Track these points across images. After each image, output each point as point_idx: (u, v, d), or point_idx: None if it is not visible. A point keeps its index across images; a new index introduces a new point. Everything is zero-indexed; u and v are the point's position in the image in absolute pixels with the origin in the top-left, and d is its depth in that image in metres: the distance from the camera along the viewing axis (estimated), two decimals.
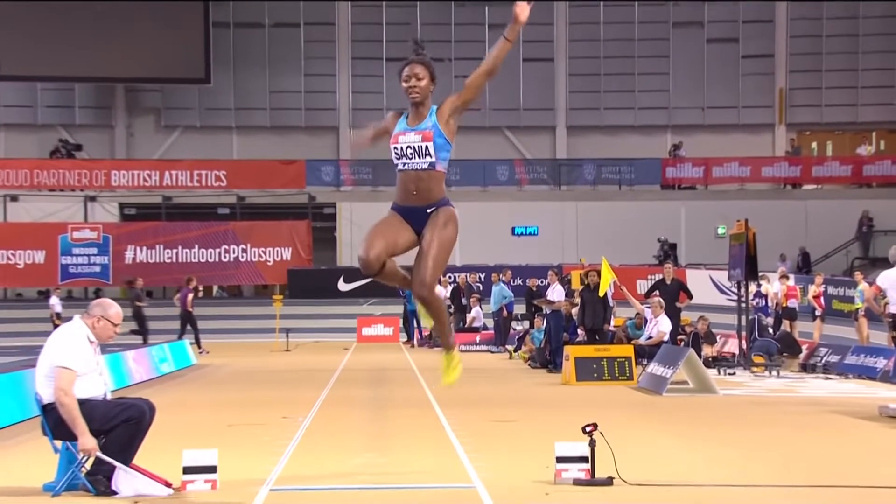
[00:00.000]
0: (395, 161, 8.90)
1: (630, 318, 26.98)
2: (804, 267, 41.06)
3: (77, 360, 9.94)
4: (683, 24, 50.30)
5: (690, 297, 27.43)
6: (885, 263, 19.04)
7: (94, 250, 46.28)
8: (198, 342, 34.00)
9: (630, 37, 50.23)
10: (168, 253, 46.72)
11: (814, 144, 50.97)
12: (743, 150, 48.70)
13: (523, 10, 8.76)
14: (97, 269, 45.86)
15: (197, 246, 46.72)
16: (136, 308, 34.76)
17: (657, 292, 26.08)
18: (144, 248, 46.65)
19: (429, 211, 8.94)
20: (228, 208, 48.63)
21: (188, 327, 34.04)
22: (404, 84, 8.82)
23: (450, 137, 8.84)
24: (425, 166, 8.79)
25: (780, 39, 49.98)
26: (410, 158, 8.80)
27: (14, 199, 47.45)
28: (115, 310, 10.33)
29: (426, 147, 8.73)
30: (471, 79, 8.93)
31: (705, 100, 50.23)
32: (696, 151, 48.44)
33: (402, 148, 8.83)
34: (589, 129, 50.18)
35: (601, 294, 25.33)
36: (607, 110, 50.30)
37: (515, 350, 31.54)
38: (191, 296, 34.31)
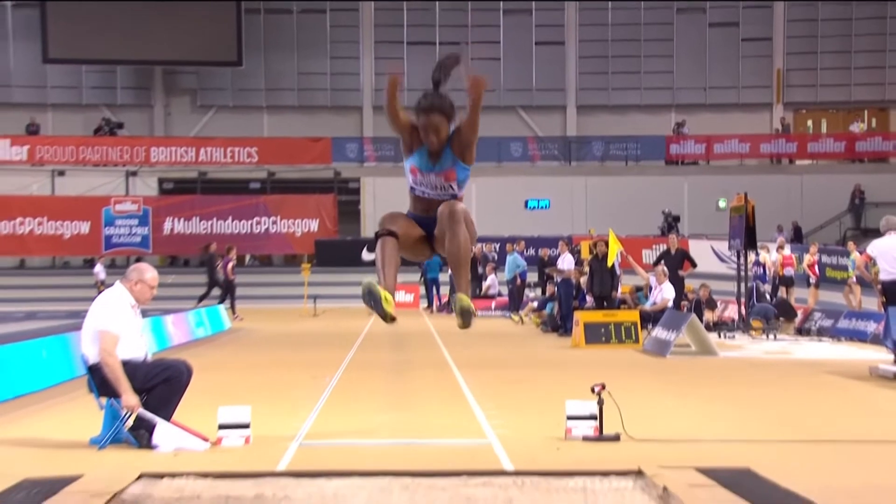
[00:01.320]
0: (413, 186, 8.02)
1: (639, 289, 26.98)
2: (795, 239, 40.95)
3: (119, 323, 10.00)
4: (686, 8, 50.13)
5: (694, 265, 27.41)
6: (876, 233, 18.96)
7: (135, 221, 46.41)
8: (233, 308, 34.13)
9: (636, 21, 50.07)
10: (203, 224, 46.80)
11: (809, 122, 50.83)
12: (742, 127, 48.63)
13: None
14: (138, 238, 46.01)
15: (230, 218, 46.82)
16: (211, 272, 35.13)
17: (662, 262, 26.08)
18: (181, 220, 46.77)
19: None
20: (259, 183, 48.66)
21: (226, 293, 34.34)
22: (422, 131, 7.73)
23: (469, 161, 7.96)
24: (447, 197, 7.92)
25: (778, 23, 49.78)
26: (432, 191, 7.94)
27: (61, 173, 47.56)
28: (150, 274, 10.38)
29: (450, 185, 7.90)
30: (466, 120, 8.05)
31: (707, 80, 50.06)
32: (698, 129, 48.41)
33: (422, 181, 7.94)
34: (597, 109, 50.07)
35: (609, 264, 25.33)
36: (614, 90, 50.18)
37: (515, 310, 31.93)
38: (231, 264, 34.53)
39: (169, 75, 50.73)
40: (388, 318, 7.11)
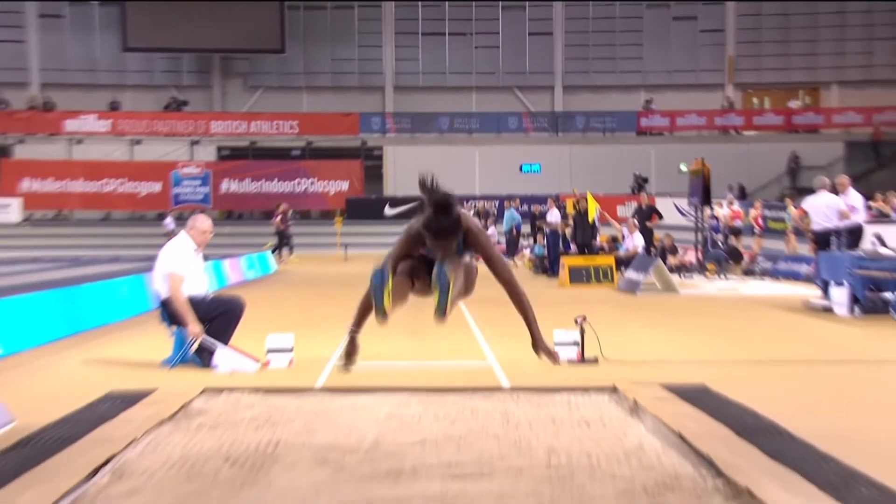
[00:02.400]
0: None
1: (614, 239, 26.92)
2: (741, 197, 40.87)
3: (183, 265, 10.03)
4: (653, 5, 49.78)
5: (661, 217, 27.42)
6: (808, 192, 18.92)
7: (198, 182, 46.45)
8: (280, 254, 34.23)
9: (611, 16, 49.73)
10: (254, 185, 46.86)
11: (755, 99, 50.52)
12: (700, 104, 48.42)
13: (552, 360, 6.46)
14: (200, 196, 46.02)
15: (276, 179, 46.86)
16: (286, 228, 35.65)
17: (636, 217, 26.18)
18: (236, 181, 46.85)
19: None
20: (299, 150, 48.56)
21: (282, 241, 34.76)
22: (431, 245, 5.95)
23: (473, 255, 6.30)
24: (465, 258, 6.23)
25: (730, 17, 49.41)
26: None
27: (138, 142, 47.56)
28: (202, 221, 10.43)
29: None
30: (509, 290, 6.39)
31: (671, 64, 49.75)
32: (663, 105, 48.22)
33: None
34: (580, 88, 49.78)
35: (590, 219, 25.29)
36: (594, 73, 49.87)
37: (512, 256, 31.97)
38: (278, 217, 34.81)
39: (225, 61, 50.49)
40: (381, 313, 5.61)
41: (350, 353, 6.29)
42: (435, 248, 5.92)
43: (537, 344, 6.20)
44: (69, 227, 45.33)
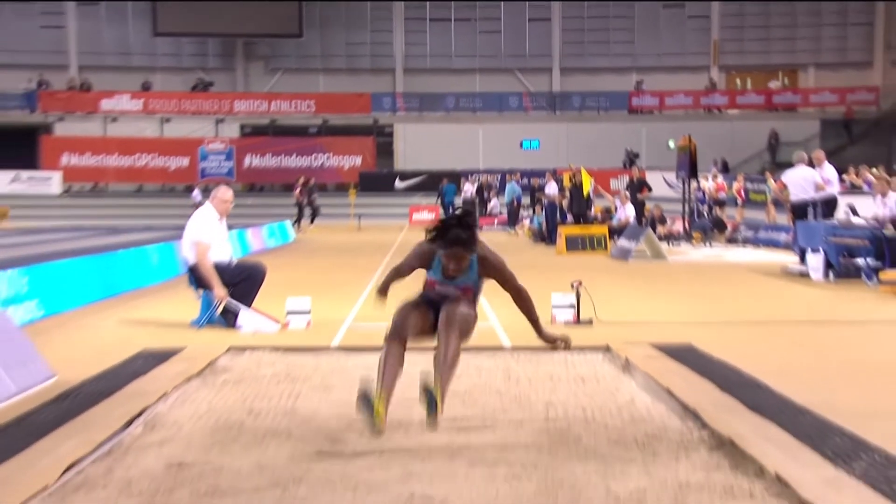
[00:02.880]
0: (427, 292, 5.73)
1: (607, 210, 26.80)
2: (724, 171, 40.75)
3: (208, 233, 10.01)
4: None
5: (650, 190, 27.37)
6: (787, 166, 18.84)
7: (223, 157, 46.43)
8: (299, 224, 34.24)
9: (605, 2, 49.38)
10: (274, 160, 46.86)
11: (738, 80, 50.22)
12: (687, 85, 48.12)
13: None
14: (225, 170, 45.95)
15: (294, 154, 46.82)
16: (310, 198, 35.71)
17: (628, 189, 26.21)
18: (257, 156, 46.85)
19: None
20: (316, 128, 48.50)
21: (302, 211, 34.86)
22: (444, 259, 5.53)
23: (482, 281, 5.82)
24: (462, 308, 5.64)
25: (715, 5, 49.01)
26: (444, 298, 5.67)
27: (167, 120, 47.50)
28: (223, 192, 10.43)
29: (465, 296, 5.69)
30: (517, 297, 6.07)
31: (660, 48, 49.38)
32: (653, 86, 47.93)
33: (438, 291, 5.67)
34: (576, 70, 49.47)
35: (585, 193, 25.20)
36: (589, 56, 49.52)
37: (513, 225, 31.97)
38: (298, 189, 34.85)
39: (247, 45, 50.25)
40: (375, 431, 5.00)
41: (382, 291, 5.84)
42: (448, 261, 5.48)
43: (542, 336, 6.13)
44: (105, 199, 45.40)
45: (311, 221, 35.67)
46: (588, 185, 25.26)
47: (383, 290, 5.78)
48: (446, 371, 5.36)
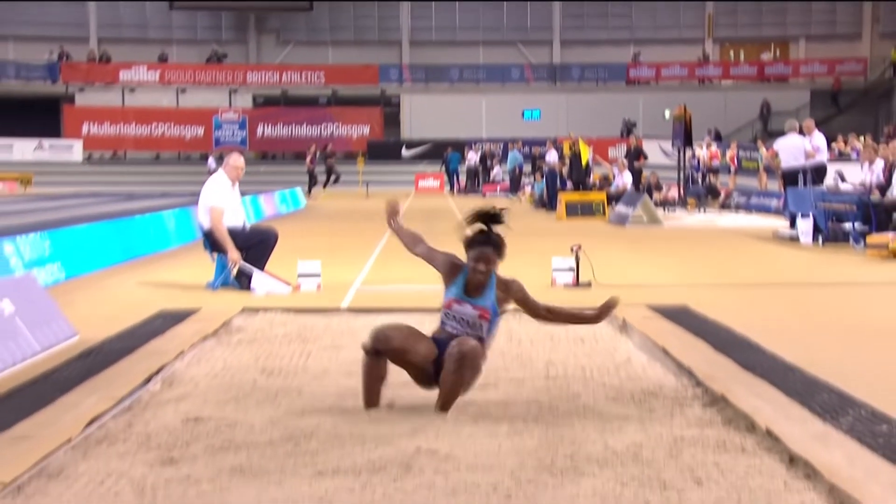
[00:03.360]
0: (444, 320, 5.16)
1: (605, 177, 26.65)
2: (716, 140, 40.59)
3: (222, 199, 9.97)
4: None
5: (646, 157, 27.30)
6: (779, 134, 18.75)
7: (236, 126, 46.36)
8: (309, 192, 34.19)
9: None
10: (286, 129, 46.78)
11: (731, 52, 49.92)
12: (682, 56, 47.87)
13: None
14: (238, 139, 45.87)
15: (305, 124, 46.73)
16: (329, 165, 35.96)
17: (626, 158, 26.15)
18: (269, 125, 46.79)
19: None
20: (326, 98, 48.36)
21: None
22: (472, 262, 5.11)
23: (500, 310, 5.25)
24: (472, 342, 4.97)
25: None
26: (461, 327, 5.08)
27: (183, 91, 47.37)
28: (234, 158, 10.36)
29: (480, 324, 5.10)
30: (550, 315, 5.38)
31: (656, 21, 49.08)
32: (650, 58, 47.66)
33: (454, 315, 5.12)
34: (576, 43, 49.17)
35: (584, 163, 25.09)
36: (588, 29, 49.23)
37: (515, 192, 31.87)
38: (309, 157, 34.77)
39: (259, 18, 49.98)
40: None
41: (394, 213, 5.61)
42: (474, 269, 5.02)
43: (595, 319, 5.28)
44: (124, 166, 45.40)
45: (324, 186, 35.45)
46: (586, 156, 25.17)
47: (395, 214, 5.67)
48: (446, 391, 4.87)
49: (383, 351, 4.88)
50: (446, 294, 5.15)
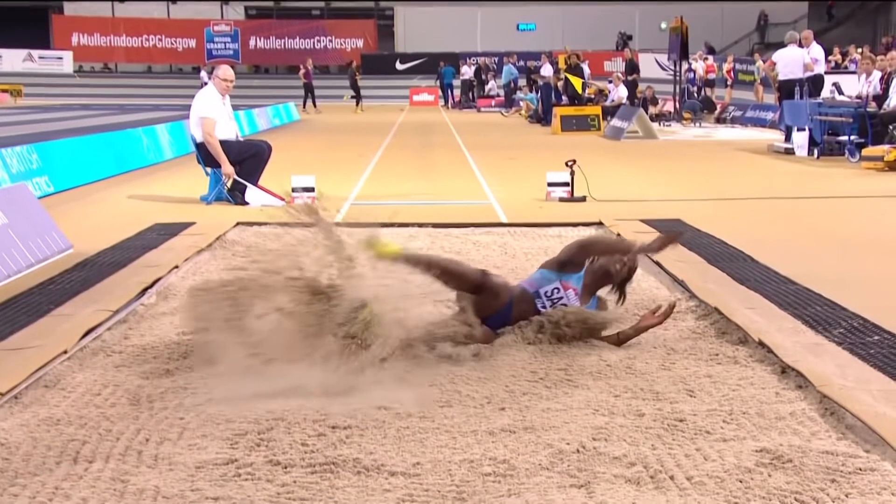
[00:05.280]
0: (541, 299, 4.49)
1: (601, 90, 26.31)
2: (710, 53, 40.19)
3: (213, 110, 9.88)
4: None
5: (638, 73, 27.15)
6: (777, 46, 18.53)
7: (229, 39, 45.75)
8: (309, 103, 33.83)
9: None
10: (278, 42, 46.15)
11: None
12: None
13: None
14: (230, 52, 45.31)
15: (298, 37, 46.09)
16: (353, 80, 35.58)
17: (621, 72, 25.88)
18: (262, 38, 46.17)
19: None
20: (319, 10, 47.61)
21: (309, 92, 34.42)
22: (618, 262, 4.58)
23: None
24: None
25: None
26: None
27: (174, 2, 46.59)
28: (223, 71, 10.23)
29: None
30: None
31: None
32: None
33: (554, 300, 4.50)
34: None
35: (578, 91, 24.60)
36: None
37: (510, 107, 31.58)
38: (302, 71, 34.31)
39: None
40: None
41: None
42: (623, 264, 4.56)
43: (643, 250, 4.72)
44: (115, 79, 44.89)
45: (357, 103, 35.18)
46: (580, 89, 24.72)
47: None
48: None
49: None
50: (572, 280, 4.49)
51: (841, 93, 15.68)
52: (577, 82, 24.53)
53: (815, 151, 14.62)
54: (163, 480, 2.89)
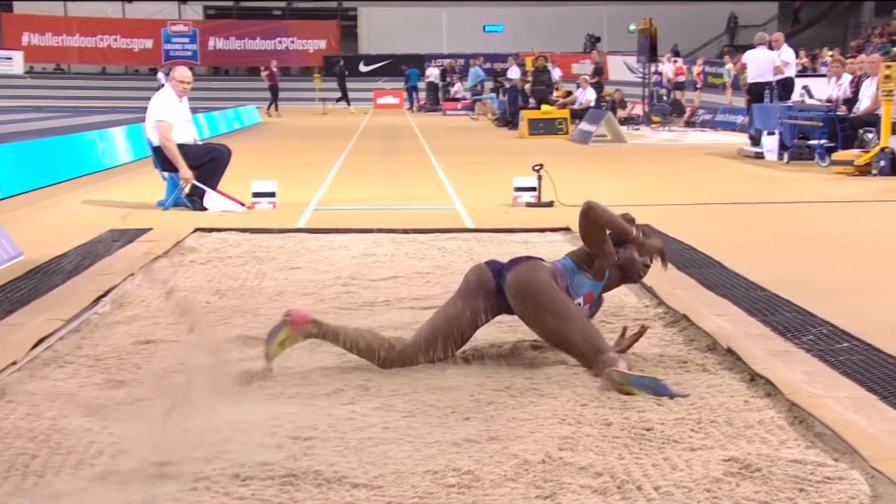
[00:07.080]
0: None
1: (569, 93, 26.42)
2: (676, 56, 40.51)
3: (169, 113, 9.84)
4: None
5: (602, 74, 27.34)
6: (747, 48, 18.71)
7: (187, 39, 45.45)
8: (275, 106, 33.68)
9: None
10: (238, 43, 45.92)
11: None
12: None
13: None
14: (189, 53, 45.01)
15: (258, 38, 45.90)
16: (342, 80, 36.36)
17: (588, 74, 25.96)
18: (221, 39, 45.89)
19: None
20: (280, 10, 47.46)
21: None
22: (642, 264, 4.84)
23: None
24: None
25: None
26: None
27: (130, 0, 46.25)
28: (179, 72, 10.21)
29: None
30: None
31: None
32: None
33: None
34: None
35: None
36: None
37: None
38: (266, 73, 34.17)
39: None
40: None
41: None
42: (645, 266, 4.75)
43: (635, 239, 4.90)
44: (68, 80, 44.46)
45: (348, 103, 35.44)
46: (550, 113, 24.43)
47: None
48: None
49: None
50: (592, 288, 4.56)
51: (811, 96, 15.87)
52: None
53: (785, 156, 14.79)
54: (117, 495, 2.87)
